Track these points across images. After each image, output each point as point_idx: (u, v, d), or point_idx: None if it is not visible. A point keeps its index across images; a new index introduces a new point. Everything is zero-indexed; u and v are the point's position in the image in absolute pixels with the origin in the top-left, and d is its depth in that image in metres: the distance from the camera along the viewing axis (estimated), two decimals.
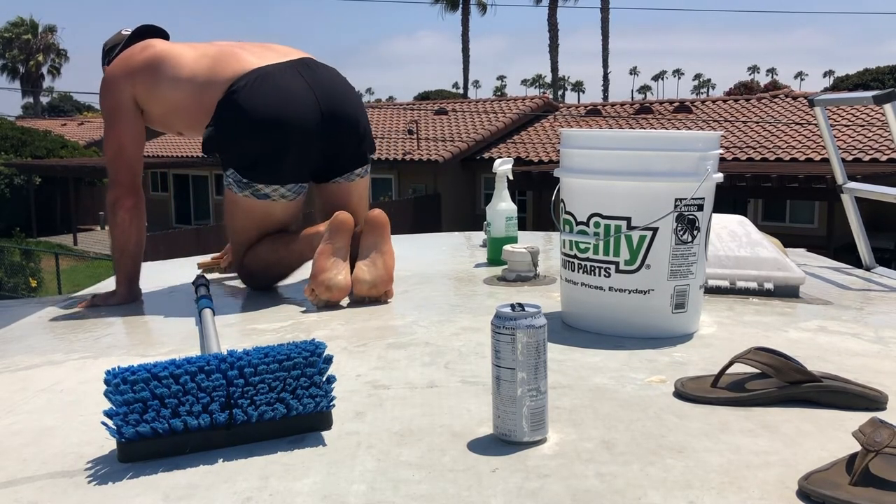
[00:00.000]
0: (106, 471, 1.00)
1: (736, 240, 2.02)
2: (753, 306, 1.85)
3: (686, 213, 1.53)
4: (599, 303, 1.58)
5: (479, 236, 3.00)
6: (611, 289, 1.56)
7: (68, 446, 1.08)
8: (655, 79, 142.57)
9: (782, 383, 1.18)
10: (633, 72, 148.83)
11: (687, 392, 1.21)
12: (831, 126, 2.57)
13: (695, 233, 1.55)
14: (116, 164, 2.03)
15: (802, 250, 2.78)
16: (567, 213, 1.64)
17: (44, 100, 57.83)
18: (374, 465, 0.99)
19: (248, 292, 2.13)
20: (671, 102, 19.15)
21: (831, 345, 1.52)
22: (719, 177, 1.59)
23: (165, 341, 1.67)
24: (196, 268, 2.43)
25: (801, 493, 0.89)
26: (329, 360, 1.12)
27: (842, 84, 49.26)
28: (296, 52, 2.10)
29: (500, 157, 3.52)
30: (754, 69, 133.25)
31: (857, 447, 0.91)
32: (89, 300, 2.05)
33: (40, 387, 1.36)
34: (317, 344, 1.14)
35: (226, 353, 1.11)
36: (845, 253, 5.49)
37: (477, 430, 1.09)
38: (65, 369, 1.46)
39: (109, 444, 1.06)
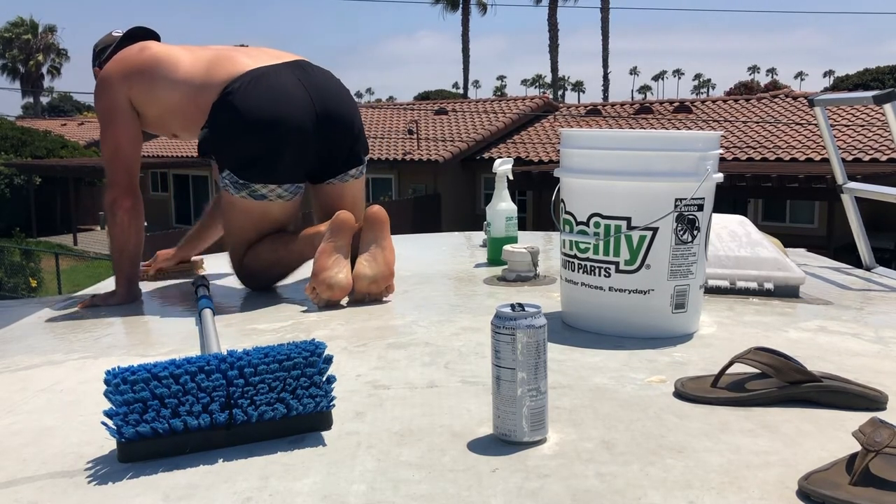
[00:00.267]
0: (106, 471, 1.00)
1: (736, 240, 2.02)
2: (753, 306, 1.85)
3: (686, 213, 1.53)
4: (599, 303, 1.58)
5: (479, 236, 3.00)
6: (611, 289, 1.56)
7: (68, 446, 1.08)
8: (655, 79, 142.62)
9: (782, 383, 1.18)
10: (633, 72, 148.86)
11: (687, 392, 1.21)
12: (831, 126, 2.57)
13: (695, 233, 1.55)
14: (114, 165, 2.03)
15: (802, 250, 2.78)
16: (567, 213, 1.64)
17: (44, 100, 57.86)
18: (374, 465, 0.99)
19: (248, 292, 2.13)
20: (671, 102, 19.14)
21: (831, 345, 1.52)
22: (719, 177, 1.59)
23: (165, 341, 1.67)
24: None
25: (801, 493, 0.89)
26: (329, 360, 1.12)
27: (842, 84, 49.27)
28: (290, 55, 2.11)
29: (500, 157, 3.51)
30: (754, 69, 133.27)
31: (857, 447, 0.91)
32: (89, 300, 2.05)
33: (40, 387, 1.36)
34: (317, 344, 1.14)
35: (226, 353, 1.11)
36: (845, 253, 5.48)
37: (477, 430, 1.09)
38: (65, 369, 1.46)
39: (109, 444, 1.06)
